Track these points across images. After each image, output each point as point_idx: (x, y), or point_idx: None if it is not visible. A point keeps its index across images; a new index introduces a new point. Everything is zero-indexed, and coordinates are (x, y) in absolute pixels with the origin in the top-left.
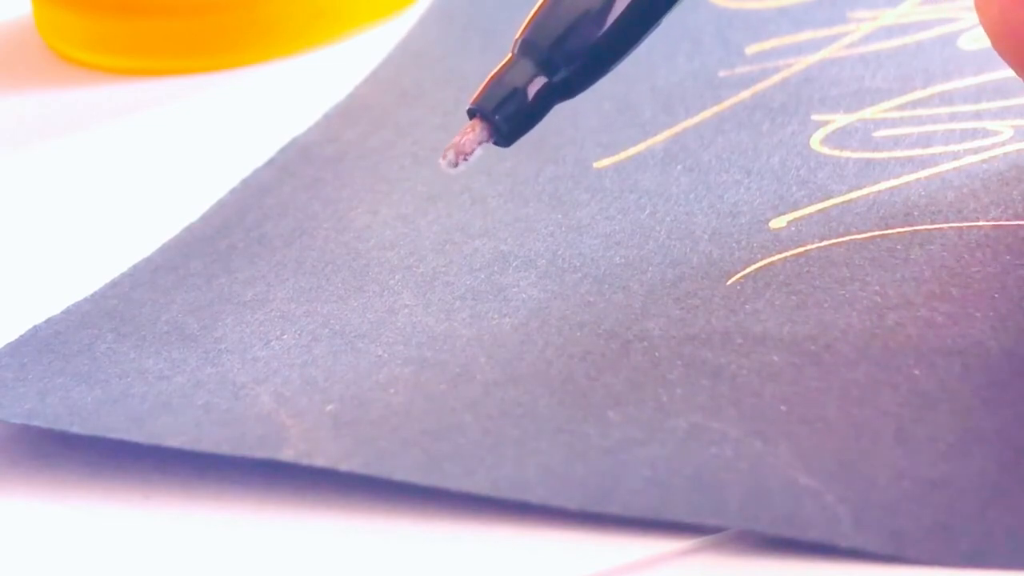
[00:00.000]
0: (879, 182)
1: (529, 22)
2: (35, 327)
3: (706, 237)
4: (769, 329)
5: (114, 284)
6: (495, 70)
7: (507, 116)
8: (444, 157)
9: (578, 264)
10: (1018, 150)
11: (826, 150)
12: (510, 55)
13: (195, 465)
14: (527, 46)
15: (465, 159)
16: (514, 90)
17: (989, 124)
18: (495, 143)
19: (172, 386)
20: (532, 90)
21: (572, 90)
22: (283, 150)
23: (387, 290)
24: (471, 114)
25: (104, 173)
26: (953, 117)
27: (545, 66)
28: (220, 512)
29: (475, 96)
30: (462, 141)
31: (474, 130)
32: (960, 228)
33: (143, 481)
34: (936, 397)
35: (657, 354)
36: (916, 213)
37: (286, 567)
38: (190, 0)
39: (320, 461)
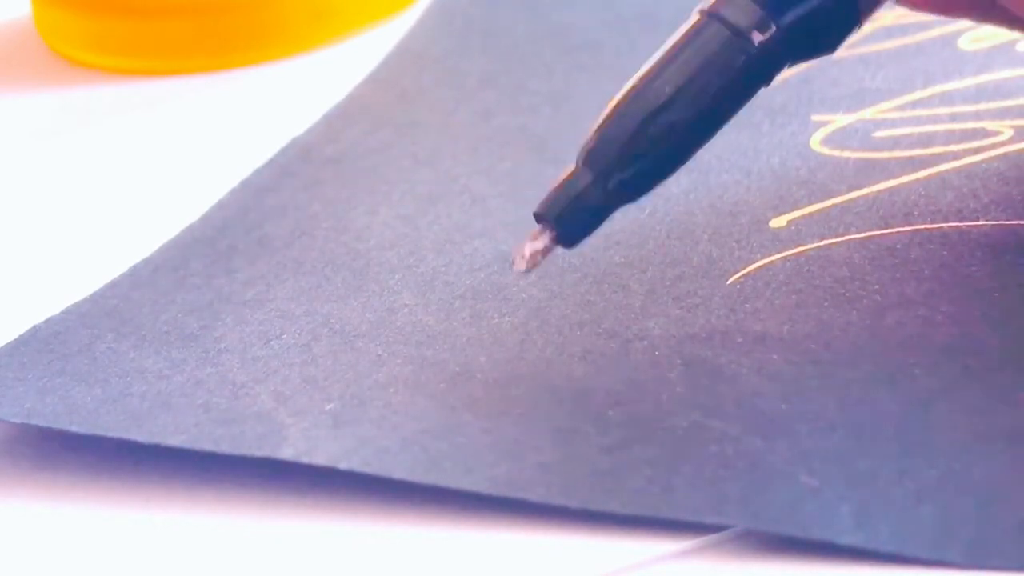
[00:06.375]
0: (879, 182)
1: (593, 134)
2: (35, 327)
3: (706, 237)
4: (769, 328)
5: (114, 284)
6: (561, 177)
7: (568, 222)
8: (514, 264)
9: (578, 264)
10: (1018, 150)
11: (826, 150)
12: (575, 165)
13: (195, 464)
14: (590, 157)
15: (534, 265)
16: (575, 198)
17: (989, 124)
18: (559, 244)
19: (172, 385)
20: (592, 199)
21: (632, 197)
22: (283, 150)
23: (387, 290)
24: (537, 218)
25: (104, 173)
26: (953, 117)
27: (605, 176)
28: (219, 510)
29: (541, 203)
30: (530, 249)
31: (539, 237)
32: (960, 227)
33: (143, 481)
34: (936, 396)
35: (657, 353)
36: (916, 213)
37: (286, 566)
38: (190, 1)
39: (319, 459)
